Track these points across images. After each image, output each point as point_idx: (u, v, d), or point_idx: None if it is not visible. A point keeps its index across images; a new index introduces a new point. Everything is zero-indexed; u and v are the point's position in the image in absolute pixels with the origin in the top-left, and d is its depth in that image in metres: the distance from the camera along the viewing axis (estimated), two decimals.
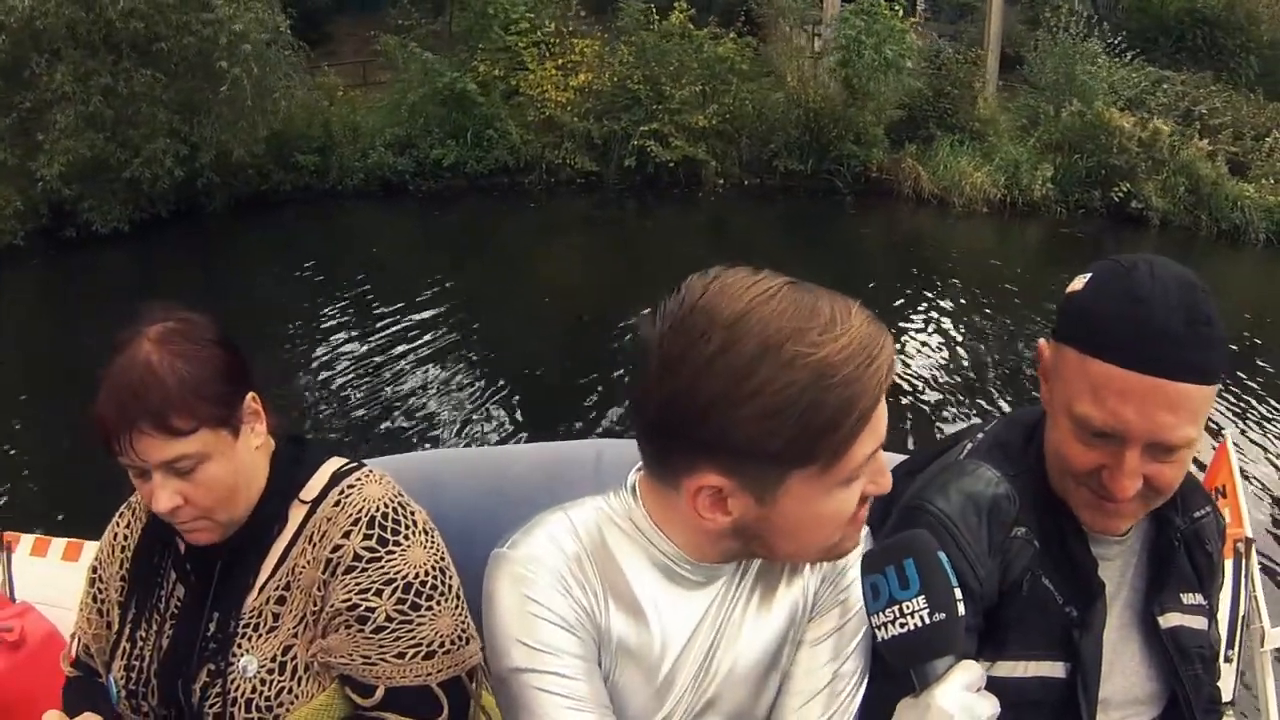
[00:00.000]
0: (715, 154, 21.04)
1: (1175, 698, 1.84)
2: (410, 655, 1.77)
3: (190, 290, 13.86)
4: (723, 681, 1.59)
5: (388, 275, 14.86)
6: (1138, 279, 1.61)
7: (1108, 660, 1.78)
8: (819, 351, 1.31)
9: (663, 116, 20.50)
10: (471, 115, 20.10)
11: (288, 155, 19.04)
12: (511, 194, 20.25)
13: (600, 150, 20.96)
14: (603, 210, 20.11)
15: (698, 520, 1.46)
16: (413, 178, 19.96)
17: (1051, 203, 21.46)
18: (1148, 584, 1.86)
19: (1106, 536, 1.80)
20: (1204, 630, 1.90)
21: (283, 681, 1.79)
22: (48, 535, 3.57)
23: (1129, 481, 1.63)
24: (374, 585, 1.77)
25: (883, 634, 1.43)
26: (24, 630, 3.03)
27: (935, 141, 21.77)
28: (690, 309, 1.36)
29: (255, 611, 1.83)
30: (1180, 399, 1.56)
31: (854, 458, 1.39)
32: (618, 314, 13.17)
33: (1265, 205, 21.20)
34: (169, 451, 1.70)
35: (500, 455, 2.88)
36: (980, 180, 21.04)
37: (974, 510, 1.72)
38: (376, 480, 1.91)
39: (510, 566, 1.51)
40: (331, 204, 19.10)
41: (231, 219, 17.96)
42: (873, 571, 1.45)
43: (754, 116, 21.35)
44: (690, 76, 20.95)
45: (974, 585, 1.67)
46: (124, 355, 1.71)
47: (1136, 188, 21.32)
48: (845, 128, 21.05)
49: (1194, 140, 21.71)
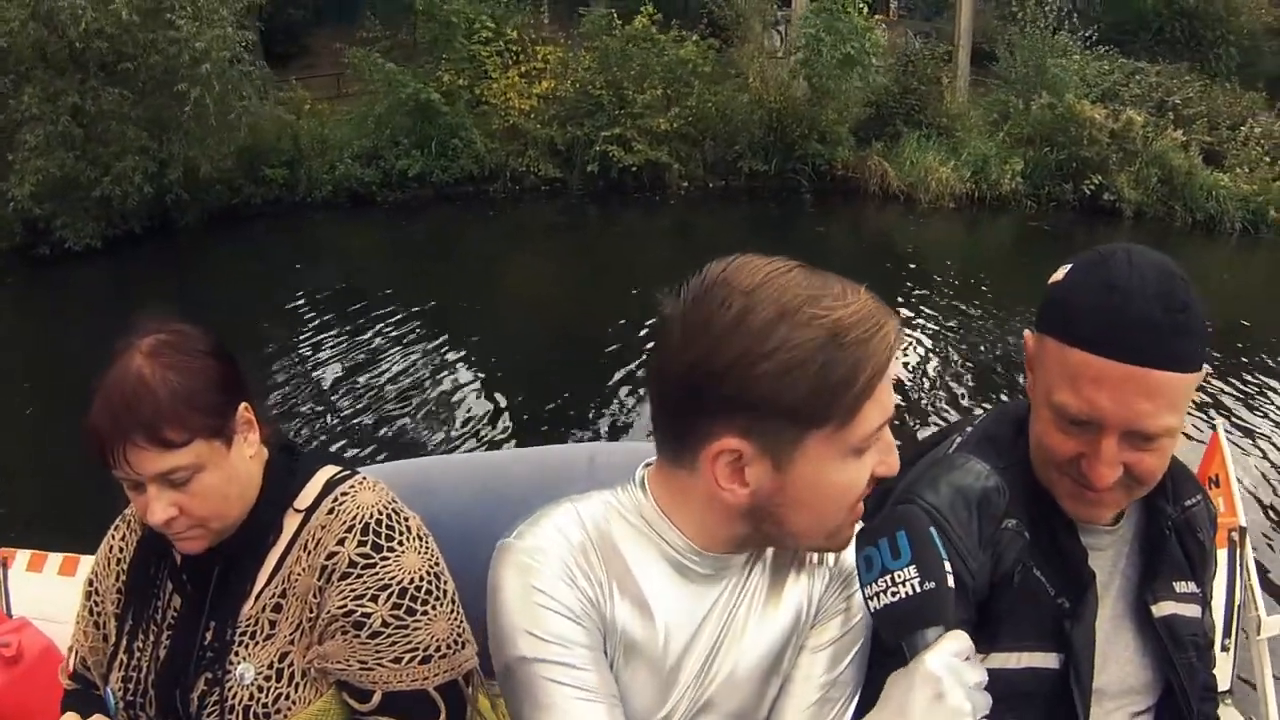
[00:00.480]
0: (679, 157, 21.05)
1: (1170, 686, 1.85)
2: (406, 660, 1.77)
3: (164, 304, 13.60)
4: (724, 681, 1.59)
5: (354, 287, 14.82)
6: (1114, 267, 1.62)
7: (1102, 650, 1.78)
8: (833, 314, 1.37)
9: (625, 121, 20.54)
10: (436, 125, 20.08)
11: (257, 169, 18.96)
12: (477, 202, 20.25)
13: (564, 156, 20.98)
14: (567, 216, 20.12)
15: (715, 494, 1.47)
16: (379, 189, 19.90)
17: (1021, 196, 21.44)
18: (1140, 573, 1.86)
19: (1096, 526, 1.81)
20: (1198, 618, 1.89)
21: (280, 688, 1.79)
22: (44, 550, 3.56)
23: (1106, 469, 1.63)
24: (369, 591, 1.76)
25: (874, 604, 1.46)
26: (21, 645, 3.03)
27: (902, 138, 21.75)
28: (711, 283, 1.42)
29: (251, 619, 1.82)
30: (1157, 387, 1.57)
31: (865, 422, 1.42)
32: (582, 319, 13.23)
33: (1240, 194, 21.31)
34: (162, 464, 1.70)
35: (494, 460, 2.90)
36: (946, 175, 21.02)
37: (964, 503, 1.70)
38: (370, 487, 1.91)
39: (516, 557, 1.51)
40: (301, 216, 19.05)
41: (203, 233, 17.89)
42: (867, 545, 1.48)
43: (718, 118, 21.35)
44: (653, 80, 20.91)
45: (965, 578, 1.66)
46: (116, 367, 1.71)
47: (1109, 180, 21.34)
48: (809, 127, 21.10)
49: (1168, 131, 21.80)
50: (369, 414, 10.45)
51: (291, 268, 16.18)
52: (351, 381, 11.29)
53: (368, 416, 10.39)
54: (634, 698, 1.54)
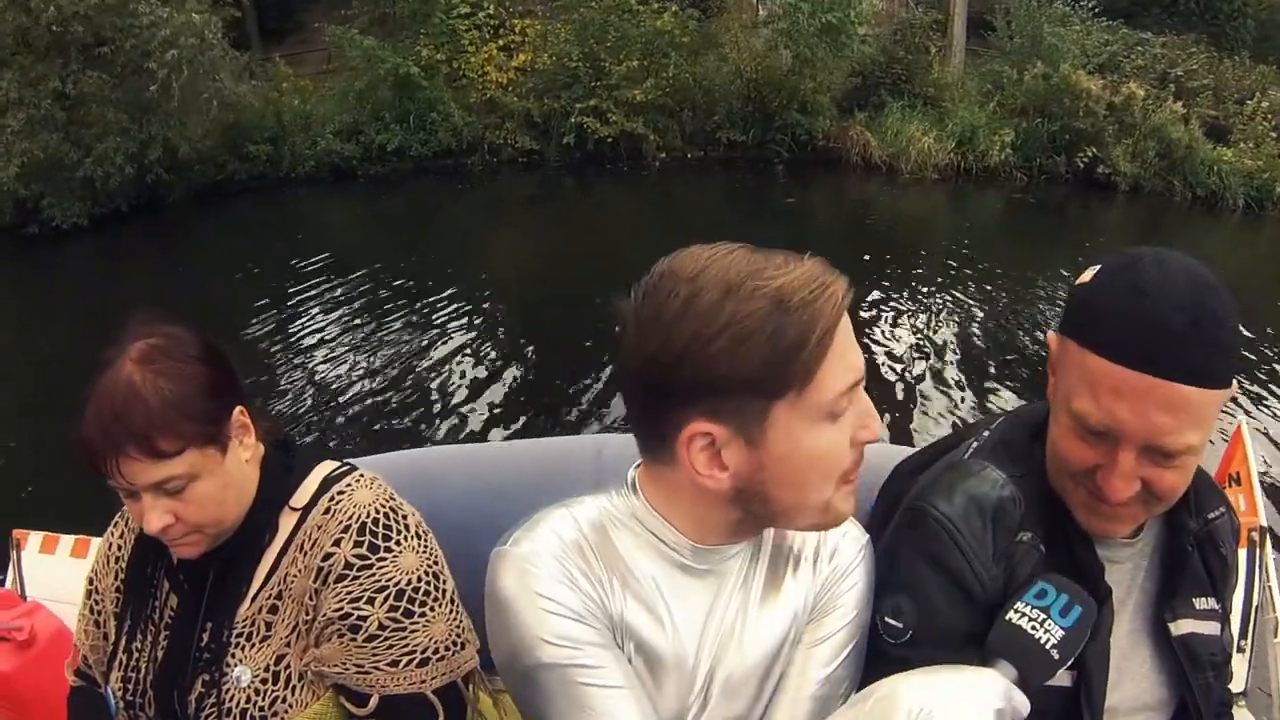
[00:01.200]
0: (656, 128, 21.01)
1: (1185, 703, 1.78)
2: (404, 663, 1.72)
3: (149, 280, 14.10)
4: (727, 680, 1.56)
5: (334, 262, 14.83)
6: (1143, 271, 1.52)
7: (1117, 666, 1.71)
8: (774, 282, 1.36)
9: (601, 93, 20.55)
10: (415, 100, 20.12)
11: (241, 146, 19.03)
12: (455, 175, 20.29)
13: (541, 129, 21.02)
14: (543, 189, 20.16)
15: (698, 483, 1.45)
16: (360, 163, 19.98)
17: (1012, 168, 21.17)
18: (1159, 589, 1.78)
19: (1110, 539, 1.73)
20: (1216, 636, 1.81)
21: (277, 691, 1.75)
22: (56, 533, 3.54)
23: (1121, 483, 1.55)
24: (366, 593, 1.72)
25: (1014, 617, 1.49)
26: (34, 629, 3.00)
27: (886, 108, 21.50)
28: (659, 276, 1.42)
29: (248, 621, 1.78)
30: (1180, 402, 1.47)
31: (826, 383, 1.39)
32: (556, 292, 13.27)
33: (1244, 170, 20.88)
34: (156, 474, 1.66)
35: (499, 451, 2.80)
36: (928, 145, 20.80)
37: (978, 513, 1.66)
38: (367, 484, 1.85)
39: (514, 563, 1.49)
40: (285, 191, 19.14)
41: (190, 209, 18.01)
42: (1056, 584, 1.52)
43: (696, 89, 21.26)
44: (631, 51, 20.82)
45: (977, 591, 1.63)
46: (107, 376, 1.66)
47: (1104, 153, 21.06)
48: (788, 97, 20.97)
49: (1168, 103, 21.43)
50: (352, 390, 10.49)
51: (274, 243, 16.24)
52: (335, 359, 11.32)
53: (351, 393, 10.42)
54: (660, 700, 1.53)
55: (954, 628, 1.63)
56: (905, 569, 1.68)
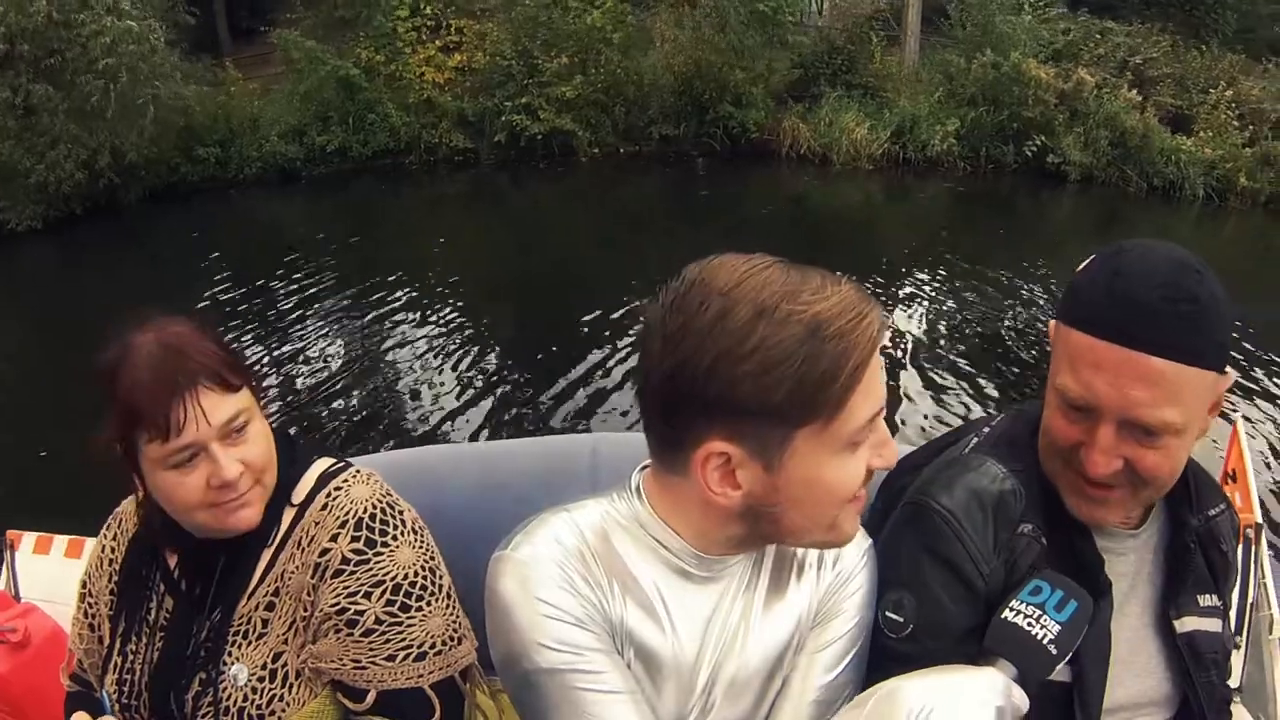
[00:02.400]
0: (590, 124, 20.80)
1: (1187, 699, 1.75)
2: (401, 658, 1.69)
3: (99, 280, 14.08)
4: (729, 685, 1.54)
5: (278, 262, 14.69)
6: (1125, 256, 1.55)
7: (1122, 662, 1.69)
8: (811, 308, 1.30)
9: (533, 90, 20.34)
10: (355, 101, 19.91)
11: (193, 149, 18.87)
12: (393, 175, 20.15)
13: (476, 127, 20.81)
14: (477, 186, 20.02)
15: (708, 498, 1.41)
16: (304, 164, 19.79)
17: (956, 158, 20.49)
18: (1163, 585, 1.76)
19: (1116, 531, 1.72)
20: (1219, 633, 1.79)
21: (274, 689, 1.71)
22: (49, 533, 3.50)
23: (1101, 458, 1.55)
24: (362, 588, 1.69)
25: (1010, 615, 1.48)
26: (28, 630, 2.99)
27: (822, 99, 21.08)
28: (689, 286, 1.36)
29: (244, 618, 1.75)
30: (1154, 375, 1.48)
31: (853, 415, 1.35)
32: (482, 288, 13.33)
33: (1203, 159, 19.62)
34: (230, 407, 1.67)
35: (496, 450, 2.73)
36: (860, 136, 20.35)
37: (979, 507, 1.65)
38: (364, 481, 1.82)
39: (513, 568, 1.45)
40: (234, 193, 18.98)
41: (144, 211, 17.88)
42: (1051, 580, 1.51)
43: (630, 84, 21.02)
44: (562, 49, 20.61)
45: (978, 585, 1.62)
46: (135, 348, 1.64)
47: (1054, 141, 20.06)
48: (719, 89, 20.76)
49: (1122, 91, 20.41)
50: (301, 381, 10.47)
51: (222, 242, 16.16)
52: (282, 353, 11.28)
53: (300, 384, 10.39)
54: (659, 705, 1.50)
55: (955, 621, 1.62)
56: (906, 563, 1.67)
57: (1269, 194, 19.57)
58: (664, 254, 13.61)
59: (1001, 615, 1.48)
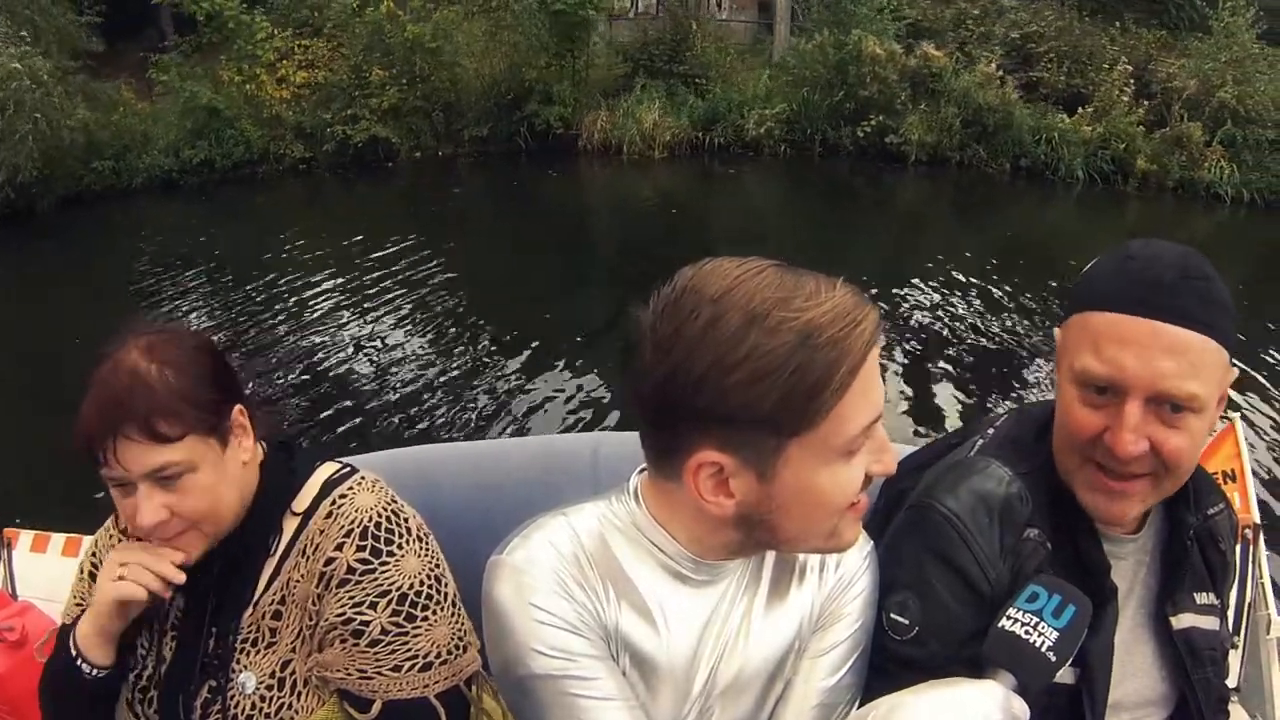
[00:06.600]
0: (410, 129, 20.83)
1: (1185, 697, 1.64)
2: (407, 668, 1.55)
3: (13, 273, 14.20)
4: (729, 686, 1.41)
5: (159, 262, 14.81)
6: (1133, 246, 1.46)
7: (1120, 662, 1.57)
8: (804, 315, 1.17)
9: (360, 101, 20.52)
10: (218, 118, 20.00)
11: (90, 161, 19.01)
12: (250, 182, 20.19)
13: (314, 138, 20.84)
14: (316, 190, 20.13)
15: (701, 505, 1.28)
16: (179, 175, 19.81)
17: (777, 142, 19.04)
18: (1160, 584, 1.64)
19: (1118, 535, 1.61)
20: (1215, 631, 1.67)
21: (282, 698, 1.58)
22: (46, 531, 3.34)
23: (1129, 435, 1.41)
24: (368, 598, 1.54)
25: (1007, 623, 1.34)
26: (25, 629, 2.77)
27: (633, 92, 20.23)
28: (680, 292, 1.23)
29: (252, 627, 1.60)
30: (1178, 344, 1.37)
31: (847, 422, 1.21)
32: (304, 280, 13.35)
33: (1082, 139, 17.32)
34: (155, 459, 1.47)
35: (496, 449, 2.54)
36: (651, 123, 19.66)
37: (985, 510, 1.52)
38: (369, 488, 1.66)
39: (508, 574, 1.33)
40: (128, 200, 19.11)
41: (56, 215, 18.09)
42: (1047, 585, 1.37)
43: (448, 90, 21.00)
44: (388, 61, 20.77)
45: (984, 588, 1.49)
46: (110, 363, 1.50)
47: (894, 121, 18.02)
48: (526, 90, 20.68)
49: (980, 66, 18.05)
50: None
51: (119, 241, 16.34)
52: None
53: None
54: (654, 708, 1.38)
55: (961, 624, 1.49)
56: (911, 566, 1.53)
57: (1179, 178, 16.97)
58: (470, 246, 13.79)
59: (999, 624, 1.36)
